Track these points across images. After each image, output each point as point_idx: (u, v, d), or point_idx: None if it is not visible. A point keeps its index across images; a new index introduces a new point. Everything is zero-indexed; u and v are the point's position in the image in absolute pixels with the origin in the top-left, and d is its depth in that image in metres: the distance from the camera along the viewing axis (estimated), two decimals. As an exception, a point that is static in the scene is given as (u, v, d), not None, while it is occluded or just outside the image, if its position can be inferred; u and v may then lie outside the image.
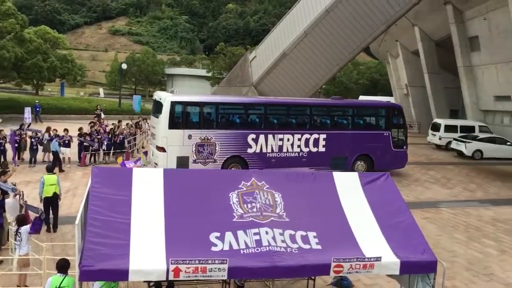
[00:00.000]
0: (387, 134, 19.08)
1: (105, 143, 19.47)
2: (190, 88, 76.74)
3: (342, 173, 7.63)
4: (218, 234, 5.90)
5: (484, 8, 28.23)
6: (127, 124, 23.16)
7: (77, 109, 38.28)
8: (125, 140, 20.17)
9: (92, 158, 19.35)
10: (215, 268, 5.42)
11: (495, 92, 29.31)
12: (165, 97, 16.73)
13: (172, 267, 5.29)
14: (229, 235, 5.89)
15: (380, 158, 18.86)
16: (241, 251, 5.72)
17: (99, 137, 19.45)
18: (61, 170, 17.09)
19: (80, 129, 19.43)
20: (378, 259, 5.85)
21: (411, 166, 20.42)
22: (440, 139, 30.91)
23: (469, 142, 26.77)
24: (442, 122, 31.66)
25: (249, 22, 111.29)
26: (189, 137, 16.56)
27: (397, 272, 6.02)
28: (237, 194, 6.55)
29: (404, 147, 19.54)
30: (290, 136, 17.94)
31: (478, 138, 25.99)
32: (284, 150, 17.98)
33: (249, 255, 5.70)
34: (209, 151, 16.90)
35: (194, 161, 16.66)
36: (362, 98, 78.24)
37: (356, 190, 7.12)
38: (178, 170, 8.77)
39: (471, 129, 29.09)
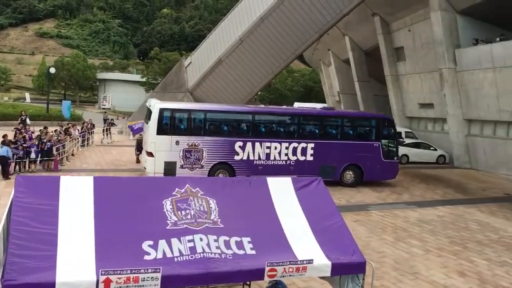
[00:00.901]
0: (377, 145, 19.37)
1: (33, 150, 18.52)
2: (123, 94, 74.79)
3: (276, 179, 7.73)
4: (151, 242, 5.77)
5: (408, 20, 29.89)
6: (55, 130, 22.17)
7: (1, 115, 36.15)
8: (53, 147, 19.28)
9: (17, 166, 18.33)
10: (148, 278, 5.30)
11: (419, 100, 31.04)
12: (154, 104, 17.60)
13: (102, 278, 5.11)
14: (162, 243, 5.78)
15: (369, 168, 19.23)
16: (175, 259, 5.64)
17: (25, 145, 18.46)
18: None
19: (4, 136, 18.36)
20: (310, 261, 5.98)
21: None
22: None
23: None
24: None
25: (184, 27, 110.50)
26: (177, 143, 17.30)
27: (329, 274, 6.17)
28: (170, 201, 6.45)
29: (395, 158, 19.93)
30: (277, 145, 18.40)
31: (405, 143, 27.35)
32: (272, 158, 18.38)
33: (183, 263, 5.63)
34: (196, 157, 17.54)
35: (181, 166, 17.38)
36: (297, 104, 79.87)
37: (290, 194, 7.24)
38: (109, 177, 8.49)
39: (398, 135, 30.56)
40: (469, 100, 25.19)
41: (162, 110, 17.24)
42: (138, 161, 22.07)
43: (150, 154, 17.19)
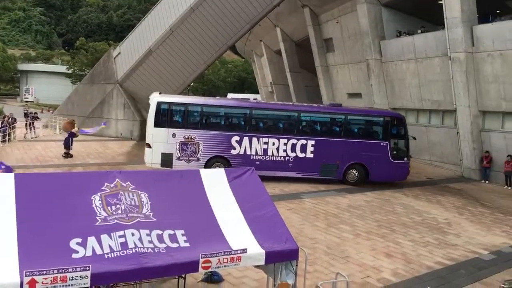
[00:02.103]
0: (385, 144, 18.55)
1: None
2: (48, 85, 71.23)
3: (209, 170, 7.73)
4: (79, 240, 5.56)
5: (336, 12, 30.72)
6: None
7: None
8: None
9: None
10: (77, 276, 5.11)
11: (348, 90, 32.09)
12: (153, 97, 18.35)
13: (26, 279, 4.86)
14: (91, 240, 5.59)
15: (375, 168, 18.52)
16: (106, 256, 5.47)
17: None
18: None
19: None
20: (244, 251, 6.03)
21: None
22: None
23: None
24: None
25: (112, 16, 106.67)
26: (173, 135, 17.92)
27: (263, 262, 6.26)
28: (100, 196, 6.24)
29: (405, 159, 18.79)
30: (275, 140, 18.30)
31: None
32: (269, 153, 18.30)
33: (114, 259, 5.48)
34: (193, 150, 17.99)
35: (178, 158, 17.97)
36: (230, 95, 79.86)
37: (223, 185, 7.24)
38: (32, 174, 8.06)
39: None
40: (394, 90, 26.40)
41: (159, 103, 18.01)
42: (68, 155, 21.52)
43: (148, 145, 18.11)
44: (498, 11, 23.77)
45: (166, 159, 17.84)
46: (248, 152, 18.23)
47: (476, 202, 17.61)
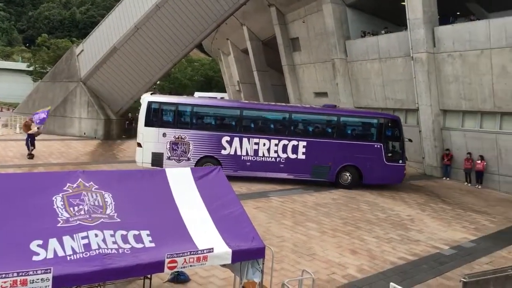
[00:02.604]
0: (379, 146, 18.23)
1: None
2: (8, 83, 69.02)
3: (175, 169, 7.63)
4: (40, 242, 5.41)
5: (303, 12, 30.96)
6: None
7: None
8: None
9: None
10: (38, 279, 4.97)
11: (314, 89, 32.40)
12: (144, 97, 18.64)
13: (-16, 283, 4.70)
14: (53, 242, 5.45)
15: (369, 171, 18.27)
16: (68, 258, 5.35)
17: None
18: None
19: None
20: (210, 250, 6.01)
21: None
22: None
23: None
24: (271, 116, 33.93)
25: (75, 13, 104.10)
26: (164, 135, 18.02)
27: (230, 261, 6.26)
28: (61, 197, 6.09)
29: (400, 161, 18.40)
30: (266, 141, 18.15)
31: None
32: (260, 154, 18.16)
33: (77, 261, 5.36)
34: (183, 150, 18.08)
35: (169, 158, 18.11)
36: (197, 94, 79.35)
37: (189, 185, 7.20)
38: (-9, 174, 7.77)
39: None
40: (359, 89, 26.83)
41: (150, 103, 18.17)
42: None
43: (138, 144, 18.22)
44: (458, 13, 24.52)
45: (157, 159, 17.97)
46: (238, 153, 18.16)
47: (438, 198, 18.13)
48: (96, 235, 5.69)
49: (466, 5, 24.17)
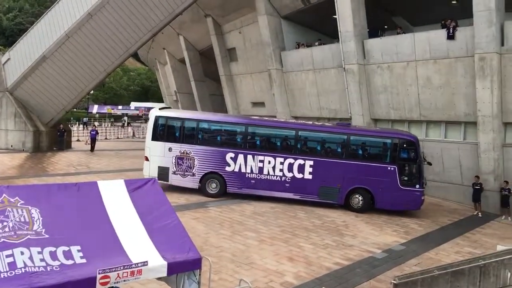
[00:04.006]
0: (392, 168, 16.85)
1: None
2: None
3: (108, 181, 7.41)
4: (-41, 262, 5.07)
5: (239, 23, 31.28)
6: None
7: None
8: None
9: None
10: (-44, 302, 4.65)
11: (252, 99, 32.72)
12: (152, 112, 19.02)
13: None
14: (-25, 262, 5.12)
15: (382, 194, 16.91)
16: (-9, 278, 5.04)
17: None
18: None
19: None
20: (145, 263, 5.87)
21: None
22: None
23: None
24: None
25: (2, 20, 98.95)
26: (170, 149, 18.17)
27: (165, 274, 6.14)
28: (-16, 214, 5.74)
29: (417, 186, 16.80)
30: (271, 159, 17.65)
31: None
32: (265, 172, 17.68)
33: (2, 280, 5.06)
34: (188, 165, 18.08)
35: (174, 173, 18.23)
36: (133, 104, 77.60)
37: (123, 197, 7.01)
38: None
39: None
40: (295, 99, 27.41)
41: (157, 118, 18.50)
42: None
43: (146, 158, 18.52)
44: (386, 26, 25.78)
45: (163, 173, 18.13)
46: (243, 170, 17.85)
47: (371, 204, 18.78)
48: (22, 253, 5.40)
49: (393, 19, 25.48)
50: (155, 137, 18.45)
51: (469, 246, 13.85)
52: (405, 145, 17.17)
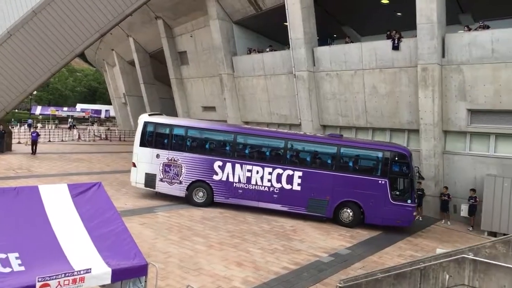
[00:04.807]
0: (383, 182, 16.19)
1: None
2: None
3: (50, 186, 7.15)
4: None
5: (190, 26, 31.12)
6: None
7: None
8: None
9: None
10: None
11: (202, 103, 32.60)
12: (141, 117, 18.70)
13: None
14: None
15: (372, 209, 16.26)
16: None
17: None
18: None
19: None
20: (88, 271, 5.69)
21: (128, 174, 20.63)
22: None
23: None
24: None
25: None
26: (157, 156, 17.84)
27: (109, 281, 5.98)
28: None
29: (408, 201, 16.06)
30: (259, 168, 17.16)
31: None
32: (253, 182, 17.16)
33: None
34: (175, 172, 17.71)
35: (161, 180, 17.85)
36: (79, 106, 75.31)
37: (65, 202, 6.78)
38: None
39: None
40: (246, 104, 27.53)
41: (146, 123, 18.23)
42: None
43: (133, 164, 18.22)
44: (335, 35, 26.43)
45: (150, 180, 17.90)
46: (230, 179, 17.34)
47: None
48: (-46, 262, 5.11)
49: (342, 28, 26.17)
50: (143, 143, 18.13)
51: (411, 249, 14.39)
52: (397, 158, 16.50)
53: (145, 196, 18.37)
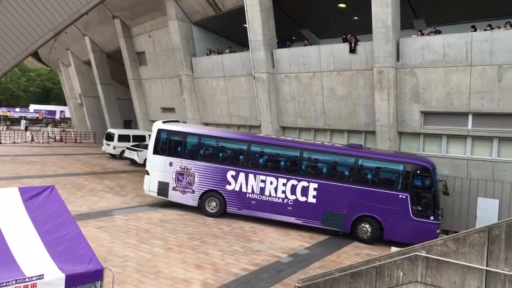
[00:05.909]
0: (404, 196, 15.22)
1: None
2: None
3: (-1, 189, 6.89)
4: None
5: (148, 26, 30.66)
6: None
7: None
8: None
9: None
10: None
11: (161, 104, 32.18)
12: (154, 125, 18.41)
13: None
14: None
15: (392, 225, 15.26)
16: None
17: None
18: None
19: None
20: (40, 277, 5.52)
21: (86, 177, 20.21)
22: (114, 148, 32.17)
23: (140, 151, 28.94)
24: (116, 132, 33.00)
25: None
26: (170, 164, 17.52)
27: (63, 287, 5.82)
28: None
29: (431, 217, 15.03)
30: (273, 179, 16.49)
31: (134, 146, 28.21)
32: (266, 193, 16.52)
33: None
34: (188, 181, 17.31)
35: (174, 188, 17.50)
36: (33, 107, 72.89)
37: (16, 206, 6.56)
38: None
39: (142, 138, 31.38)
40: (206, 105, 27.38)
41: (160, 131, 17.99)
42: None
43: (146, 172, 17.95)
44: (294, 38, 26.71)
45: (162, 188, 17.58)
46: (243, 189, 16.75)
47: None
48: None
49: (301, 31, 26.48)
50: (156, 151, 17.87)
51: (368, 248, 14.72)
52: (419, 172, 15.52)
53: (102, 199, 17.96)
